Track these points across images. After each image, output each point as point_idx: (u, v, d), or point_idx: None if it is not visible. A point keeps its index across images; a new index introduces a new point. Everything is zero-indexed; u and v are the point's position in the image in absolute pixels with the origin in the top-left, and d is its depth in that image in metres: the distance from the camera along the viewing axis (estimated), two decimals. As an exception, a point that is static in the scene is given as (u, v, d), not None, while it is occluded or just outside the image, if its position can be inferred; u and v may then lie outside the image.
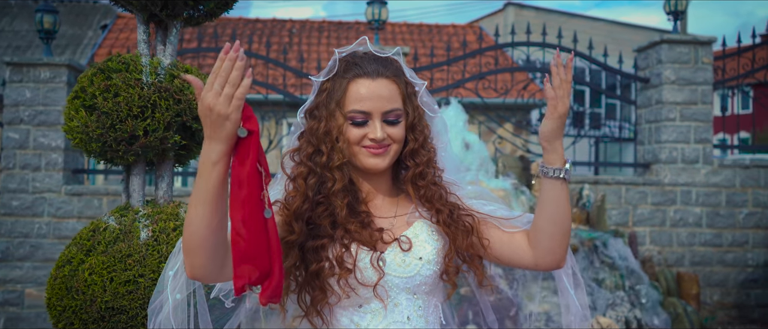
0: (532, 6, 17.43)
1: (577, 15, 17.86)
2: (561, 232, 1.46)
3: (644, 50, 6.74)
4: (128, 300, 1.88)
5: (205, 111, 1.13)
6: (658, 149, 6.46)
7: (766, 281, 6.60)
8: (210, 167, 1.17)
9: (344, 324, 1.44)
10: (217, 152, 1.16)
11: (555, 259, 1.49)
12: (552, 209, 1.45)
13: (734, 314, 6.41)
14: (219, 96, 1.12)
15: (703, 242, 6.47)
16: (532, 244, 1.50)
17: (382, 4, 6.42)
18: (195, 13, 2.15)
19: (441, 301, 1.59)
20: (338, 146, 1.44)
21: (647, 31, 18.70)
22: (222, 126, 1.14)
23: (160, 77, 2.02)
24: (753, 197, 6.53)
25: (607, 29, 16.29)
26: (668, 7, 6.60)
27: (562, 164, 1.43)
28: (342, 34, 14.76)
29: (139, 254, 1.93)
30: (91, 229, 2.05)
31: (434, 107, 1.62)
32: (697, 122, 6.43)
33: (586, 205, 5.99)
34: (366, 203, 1.51)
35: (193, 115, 2.05)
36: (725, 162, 6.55)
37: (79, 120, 1.97)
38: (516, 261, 1.54)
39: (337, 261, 1.39)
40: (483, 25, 16.80)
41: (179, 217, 2.06)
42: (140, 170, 2.14)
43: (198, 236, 1.20)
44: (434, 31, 15.14)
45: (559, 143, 1.43)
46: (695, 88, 6.43)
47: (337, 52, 1.54)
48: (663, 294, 5.75)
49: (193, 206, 1.19)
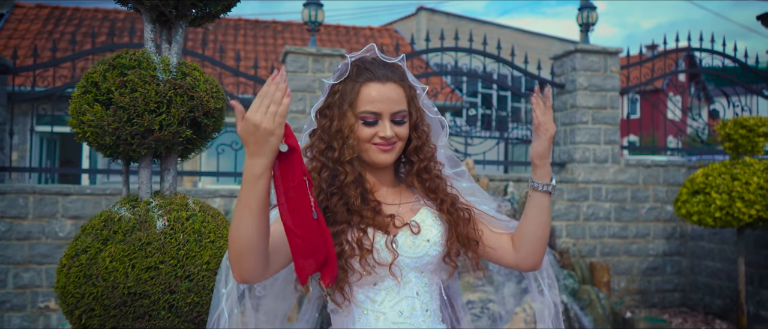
0: (443, 11, 17.98)
1: (486, 22, 18.59)
2: (542, 237, 1.69)
3: (560, 58, 7.28)
4: (150, 285, 1.97)
5: (251, 129, 1.29)
6: (573, 149, 7.00)
7: (664, 269, 7.30)
8: (254, 180, 1.32)
9: (360, 300, 1.61)
10: (260, 166, 1.32)
11: (535, 261, 1.72)
12: (537, 218, 1.67)
13: (638, 299, 7.06)
14: (265, 114, 1.29)
15: (612, 234, 7.07)
16: (516, 247, 1.72)
17: (319, 6, 6.56)
18: (200, 13, 2.26)
19: (443, 280, 1.82)
20: (349, 142, 1.61)
21: (549, 39, 19.82)
22: (267, 141, 1.30)
23: (173, 74, 2.12)
24: (653, 194, 7.21)
25: (513, 36, 17.10)
26: (581, 18, 7.18)
27: (548, 180, 1.65)
28: (259, 33, 14.66)
29: (158, 242, 2.03)
30: (103, 220, 2.12)
31: (433, 109, 1.84)
32: (606, 125, 7.02)
33: (511, 201, 6.42)
34: (373, 193, 1.68)
35: (204, 111, 2.16)
36: (630, 162, 7.18)
37: (93, 114, 2.04)
38: (499, 258, 1.76)
39: (358, 244, 1.56)
40: (397, 28, 17.19)
41: (189, 207, 2.17)
42: (148, 164, 2.22)
43: (247, 241, 1.37)
44: (352, 33, 15.35)
45: (548, 162, 1.64)
46: (605, 94, 7.02)
47: (349, 57, 1.73)
48: (579, 283, 6.28)
49: (241, 215, 1.35)
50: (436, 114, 1.84)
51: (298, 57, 6.41)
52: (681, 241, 7.30)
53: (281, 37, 14.56)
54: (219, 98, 2.23)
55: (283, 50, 6.50)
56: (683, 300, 7.36)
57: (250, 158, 1.32)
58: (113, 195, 5.94)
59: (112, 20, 13.87)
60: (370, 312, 1.61)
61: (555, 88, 7.29)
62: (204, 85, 2.17)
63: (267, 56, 13.19)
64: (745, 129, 5.69)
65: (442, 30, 7.39)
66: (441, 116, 1.89)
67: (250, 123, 1.29)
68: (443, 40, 7.11)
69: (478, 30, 15.25)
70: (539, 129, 1.62)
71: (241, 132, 1.31)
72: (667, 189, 7.21)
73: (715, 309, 7.00)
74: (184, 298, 2.01)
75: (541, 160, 1.64)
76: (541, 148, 1.63)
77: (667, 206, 7.22)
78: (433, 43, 8.24)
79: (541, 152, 1.63)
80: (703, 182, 5.72)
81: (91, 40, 12.20)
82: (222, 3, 2.24)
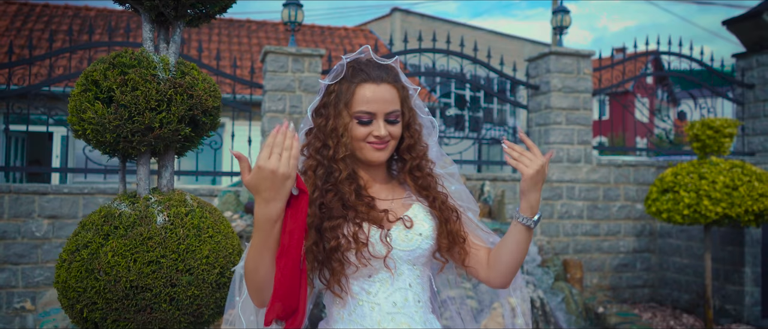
0: (417, 12, 18.11)
1: (460, 23, 18.76)
2: (516, 265, 1.73)
3: (535, 60, 7.43)
4: (152, 278, 2.02)
5: (268, 175, 1.37)
6: (547, 149, 7.16)
7: (634, 265, 7.51)
8: (271, 224, 1.41)
9: (355, 292, 1.67)
10: (277, 211, 1.40)
11: (504, 283, 1.78)
12: (514, 247, 1.71)
13: (610, 294, 7.25)
14: (280, 160, 1.37)
15: (584, 232, 7.24)
16: (489, 264, 1.77)
17: (298, 7, 6.60)
18: (198, 13, 2.32)
19: (434, 274, 1.90)
20: (343, 141, 1.68)
21: (521, 41, 20.09)
22: (283, 186, 1.38)
23: (172, 73, 2.18)
24: (624, 192, 7.42)
25: (487, 38, 17.31)
26: (555, 22, 7.36)
27: (531, 215, 1.66)
28: (233, 32, 14.60)
29: (160, 236, 2.08)
30: (103, 216, 2.16)
31: (425, 109, 1.92)
32: (579, 125, 7.20)
33: (487, 200, 6.55)
34: (366, 190, 1.75)
35: (203, 109, 2.22)
36: (602, 162, 7.37)
37: (95, 112, 2.08)
38: (471, 268, 1.82)
39: (354, 238, 1.63)
40: (372, 28, 17.26)
41: (187, 203, 2.23)
42: (146, 161, 2.27)
43: (266, 278, 1.46)
44: (327, 34, 15.38)
45: (535, 197, 1.65)
46: (578, 95, 7.19)
47: (344, 58, 1.81)
48: (553, 279, 6.44)
49: (260, 257, 1.44)
50: (427, 114, 1.92)
51: (278, 57, 6.45)
52: (650, 238, 7.52)
53: (255, 36, 14.52)
54: (216, 97, 2.28)
55: (262, 50, 6.52)
56: (652, 295, 7.58)
57: (266, 204, 1.39)
58: (90, 194, 5.90)
59: (83, 18, 13.70)
60: (365, 303, 1.67)
61: (530, 89, 7.44)
62: (202, 84, 2.23)
63: (241, 55, 13.15)
64: (712, 130, 5.91)
65: (419, 32, 7.50)
66: (432, 116, 1.97)
67: (267, 170, 1.36)
68: (421, 41, 7.22)
69: (452, 31, 15.40)
70: (518, 170, 1.65)
71: (255, 180, 1.38)
72: (637, 188, 7.43)
73: (683, 303, 7.23)
74: (185, 291, 2.06)
75: (524, 195, 1.67)
76: (525, 184, 1.66)
77: (637, 204, 7.43)
78: (411, 44, 8.35)
79: (524, 188, 1.66)
80: (673, 181, 5.93)
81: (68, 38, 12.05)
82: (219, 4, 2.30)
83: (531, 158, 1.63)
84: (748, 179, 5.65)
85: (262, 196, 1.38)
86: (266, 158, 1.37)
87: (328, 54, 7.42)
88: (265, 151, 1.38)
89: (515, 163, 1.64)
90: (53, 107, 6.96)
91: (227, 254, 2.21)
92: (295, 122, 6.48)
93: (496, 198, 6.54)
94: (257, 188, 1.38)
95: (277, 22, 15.43)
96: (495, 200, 6.52)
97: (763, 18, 7.31)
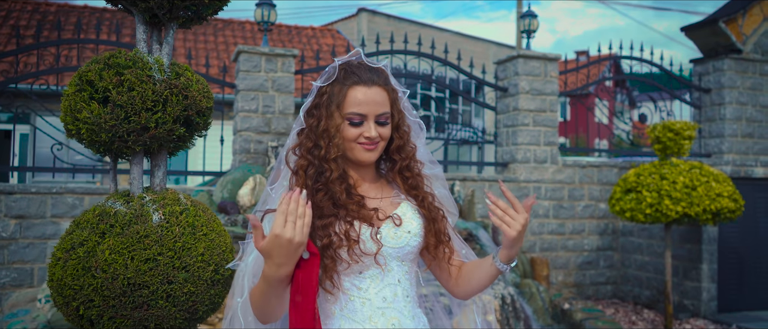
0: (384, 13, 18.21)
1: (426, 24, 18.93)
2: (481, 290, 1.84)
3: (503, 63, 7.60)
4: (149, 275, 2.06)
5: (284, 243, 1.46)
6: (515, 150, 7.33)
7: (598, 263, 7.75)
8: (278, 283, 1.52)
9: (346, 288, 1.74)
10: (287, 274, 1.51)
11: (465, 297, 1.91)
12: (486, 281, 1.79)
13: (575, 291, 7.46)
14: (295, 229, 1.46)
15: (550, 230, 7.44)
16: (457, 280, 1.89)
17: (271, 6, 6.61)
18: (191, 15, 2.36)
19: (421, 270, 1.99)
20: (335, 141, 1.74)
21: (486, 43, 20.37)
22: (296, 252, 1.49)
23: (167, 74, 2.22)
24: (588, 192, 7.64)
25: (453, 39, 17.52)
26: (523, 25, 7.54)
27: (507, 262, 1.71)
28: (199, 30, 14.46)
29: (156, 234, 2.12)
30: (97, 214, 2.18)
31: (413, 111, 2.01)
32: (546, 127, 7.39)
33: (457, 199, 6.68)
34: (356, 189, 1.83)
35: (197, 109, 2.26)
36: (567, 162, 7.58)
37: (90, 112, 2.11)
38: (439, 274, 1.94)
39: (345, 235, 1.70)
40: (339, 28, 17.29)
41: (181, 202, 2.27)
42: (140, 160, 2.30)
43: (275, 316, 1.61)
44: (294, 33, 15.35)
45: (515, 251, 1.68)
46: (545, 98, 7.38)
47: (337, 60, 1.88)
48: (520, 276, 6.61)
49: (268, 301, 1.56)
50: (415, 117, 2.00)
51: (250, 57, 6.46)
52: (613, 237, 7.76)
53: (222, 34, 14.42)
54: (209, 98, 2.33)
55: (235, 50, 6.52)
56: (615, 291, 7.83)
57: (278, 269, 1.49)
58: (59, 194, 5.82)
59: (43, 13, 13.39)
60: (356, 299, 1.73)
61: (499, 91, 7.61)
62: (196, 85, 2.27)
63: (208, 53, 13.04)
64: (672, 132, 6.15)
65: (391, 33, 7.60)
66: (420, 118, 2.05)
67: (284, 239, 1.45)
68: (393, 42, 7.31)
69: (418, 32, 15.53)
70: (502, 230, 1.67)
71: (269, 246, 1.46)
72: (601, 188, 7.66)
73: (644, 299, 7.49)
74: (181, 288, 2.10)
75: (503, 247, 1.69)
76: (505, 241, 1.68)
77: (601, 204, 7.66)
78: (383, 44, 8.43)
79: (506, 241, 1.68)
80: (635, 181, 6.15)
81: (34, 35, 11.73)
82: (213, 6, 2.34)
83: (514, 216, 1.63)
84: (706, 180, 5.91)
85: (274, 261, 1.47)
86: (281, 226, 1.45)
87: (301, 54, 7.46)
88: (279, 218, 1.46)
89: (499, 222, 1.64)
90: (19, 104, 6.83)
91: (221, 252, 2.26)
92: (268, 121, 6.50)
93: (466, 198, 6.68)
94: (270, 253, 1.47)
95: (244, 20, 15.35)
96: (465, 200, 6.65)
97: (719, 25, 7.62)
